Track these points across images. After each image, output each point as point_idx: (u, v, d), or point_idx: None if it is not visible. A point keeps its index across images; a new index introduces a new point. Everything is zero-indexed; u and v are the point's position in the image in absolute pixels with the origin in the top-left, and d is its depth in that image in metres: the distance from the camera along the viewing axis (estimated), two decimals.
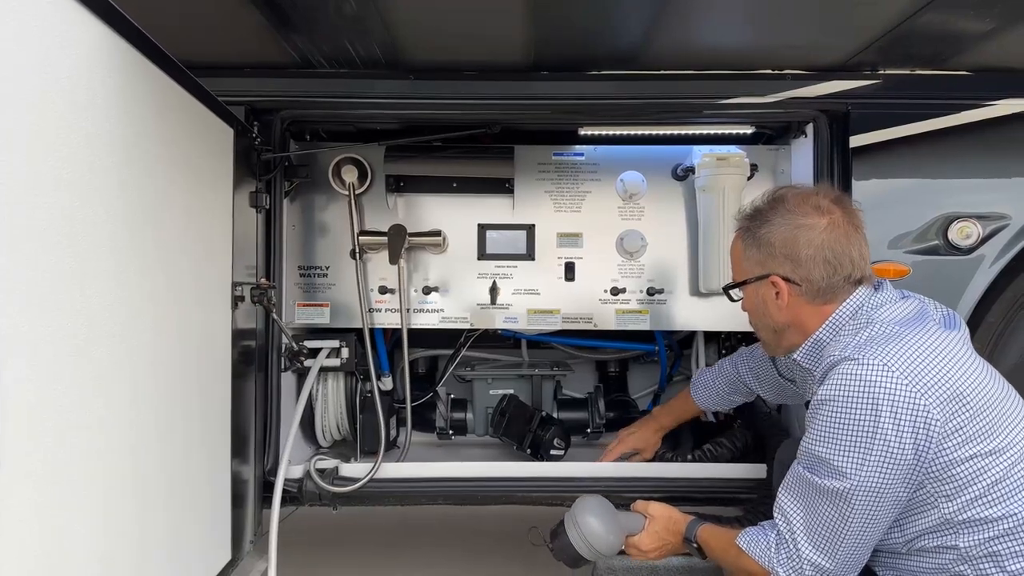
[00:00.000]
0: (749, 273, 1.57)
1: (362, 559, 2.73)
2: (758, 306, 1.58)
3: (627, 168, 2.28)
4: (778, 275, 1.50)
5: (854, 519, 1.31)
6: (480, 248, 2.28)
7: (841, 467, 1.29)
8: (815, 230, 1.46)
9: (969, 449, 1.28)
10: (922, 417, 1.26)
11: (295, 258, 2.25)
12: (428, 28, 1.83)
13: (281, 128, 2.09)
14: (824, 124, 2.09)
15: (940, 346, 1.33)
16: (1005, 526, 1.29)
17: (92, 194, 1.19)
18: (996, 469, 1.29)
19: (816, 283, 1.46)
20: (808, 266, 1.46)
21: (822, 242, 1.45)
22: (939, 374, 1.29)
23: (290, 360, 2.12)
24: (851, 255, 1.46)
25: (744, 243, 1.58)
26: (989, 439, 1.29)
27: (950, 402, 1.28)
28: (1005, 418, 1.32)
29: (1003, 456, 1.29)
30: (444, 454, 2.45)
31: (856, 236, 1.48)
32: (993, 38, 1.85)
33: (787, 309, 1.51)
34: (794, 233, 1.47)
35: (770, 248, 1.50)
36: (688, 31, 1.87)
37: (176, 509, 1.55)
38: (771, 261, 1.51)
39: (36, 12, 1.05)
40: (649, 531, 1.70)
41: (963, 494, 1.29)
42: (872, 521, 1.31)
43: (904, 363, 1.29)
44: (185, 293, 1.57)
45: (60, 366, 1.11)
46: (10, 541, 1.00)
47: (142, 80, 1.37)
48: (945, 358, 1.31)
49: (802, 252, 1.46)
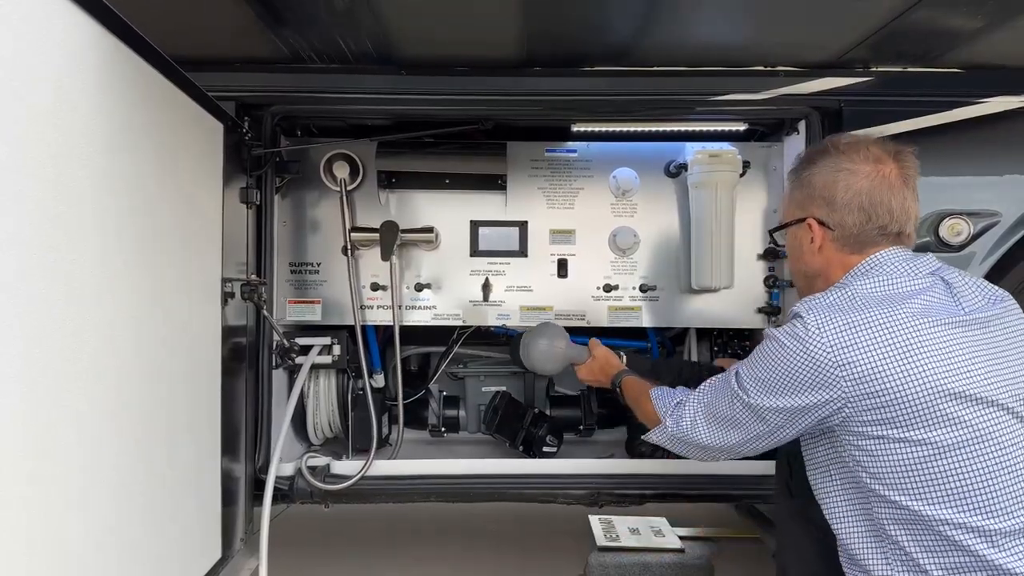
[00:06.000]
0: (791, 216, 1.57)
1: (353, 556, 2.73)
2: (795, 250, 1.58)
3: (620, 165, 2.28)
4: (815, 218, 1.49)
5: (740, 425, 1.47)
6: (472, 245, 2.27)
7: (750, 388, 1.43)
8: (857, 175, 1.44)
9: (879, 429, 1.31)
10: (833, 387, 1.32)
11: (286, 254, 2.23)
12: (420, 22, 1.82)
13: (272, 123, 2.08)
14: (816, 121, 2.09)
15: (891, 329, 1.30)
16: (905, 516, 1.30)
17: (79, 190, 1.18)
18: (908, 457, 1.29)
19: (849, 229, 1.45)
20: (843, 211, 1.44)
21: (860, 188, 1.43)
22: (868, 353, 1.30)
23: (281, 357, 2.11)
24: (891, 206, 1.43)
25: (791, 185, 1.59)
26: (904, 427, 1.28)
27: (869, 381, 1.29)
28: (943, 415, 1.27)
29: (917, 448, 1.28)
30: (436, 451, 2.44)
31: (903, 190, 1.44)
32: (984, 35, 1.85)
33: (820, 255, 1.50)
34: (835, 176, 1.46)
35: (811, 189, 1.50)
36: (681, 27, 1.87)
37: (166, 507, 1.54)
38: (810, 203, 1.50)
39: (19, 5, 1.04)
40: (588, 365, 2.00)
41: (874, 466, 1.32)
42: (753, 436, 1.46)
43: (839, 335, 1.32)
44: (174, 289, 1.56)
45: (47, 363, 1.10)
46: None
47: (130, 75, 1.36)
48: (887, 341, 1.30)
49: (839, 196, 1.45)
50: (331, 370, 2.30)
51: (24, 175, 1.04)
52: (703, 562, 2.20)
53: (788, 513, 1.72)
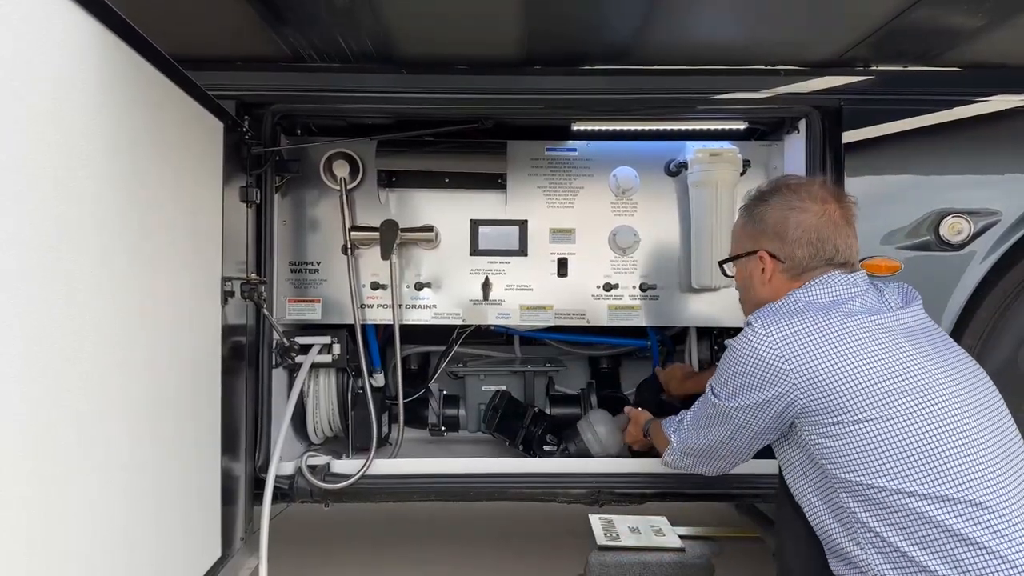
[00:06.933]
0: (742, 249, 1.71)
1: (353, 555, 2.73)
2: (746, 280, 1.72)
3: (620, 163, 2.28)
4: (766, 251, 1.63)
5: (716, 426, 1.63)
6: (473, 244, 2.27)
7: (719, 393, 1.59)
8: (807, 213, 1.58)
9: (832, 418, 1.41)
10: (782, 382, 1.45)
11: (286, 253, 2.23)
12: (420, 21, 1.82)
13: (272, 122, 2.08)
14: (817, 120, 2.09)
15: (827, 328, 1.44)
16: (872, 495, 1.38)
17: (79, 189, 1.18)
18: (861, 436, 1.38)
19: (799, 261, 1.59)
20: (793, 245, 1.59)
21: (810, 225, 1.58)
22: (808, 349, 1.43)
23: (281, 356, 2.11)
24: (836, 242, 1.58)
25: (743, 220, 1.72)
26: (855, 412, 1.39)
27: (812, 375, 1.42)
28: (889, 394, 1.38)
29: (871, 425, 1.38)
30: (436, 450, 2.44)
31: (845, 228, 1.60)
32: (984, 34, 1.85)
33: (769, 284, 1.64)
34: (786, 214, 1.60)
35: (763, 225, 1.64)
36: (681, 26, 1.86)
37: (165, 506, 1.54)
38: (762, 237, 1.64)
39: (19, 4, 1.03)
40: (629, 430, 2.13)
41: (834, 452, 1.42)
42: (729, 435, 1.61)
43: (781, 336, 1.46)
44: (174, 288, 1.56)
45: (47, 363, 1.10)
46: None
47: (131, 74, 1.35)
48: (823, 339, 1.43)
49: (791, 232, 1.59)
50: (331, 369, 2.30)
51: (24, 174, 1.04)
52: (703, 561, 2.19)
53: (787, 511, 1.73)
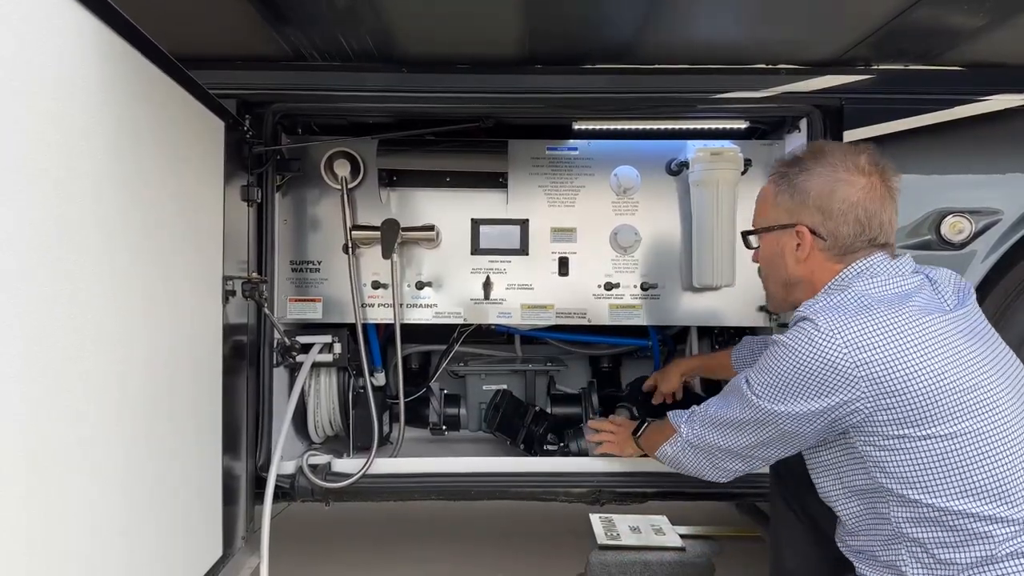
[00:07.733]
0: (775, 220, 1.54)
1: (354, 554, 2.73)
2: (775, 256, 1.55)
3: (621, 163, 2.28)
4: (806, 225, 1.47)
5: (748, 429, 1.47)
6: (473, 243, 2.27)
7: (762, 394, 1.41)
8: (854, 187, 1.44)
9: (899, 429, 1.30)
10: (851, 388, 1.31)
11: (287, 253, 2.23)
12: (421, 20, 1.81)
13: (273, 121, 2.08)
14: (818, 119, 2.09)
15: (902, 328, 1.31)
16: (929, 513, 1.30)
17: (80, 189, 1.18)
18: (927, 453, 1.29)
19: (842, 240, 1.45)
20: (838, 221, 1.44)
21: (857, 200, 1.44)
22: (883, 352, 1.30)
23: (282, 355, 2.11)
24: (881, 219, 1.45)
25: (777, 188, 1.54)
26: (925, 425, 1.29)
27: (886, 380, 1.29)
28: (960, 408, 1.29)
29: (940, 443, 1.28)
30: (437, 449, 2.44)
31: (889, 203, 1.47)
32: (985, 33, 1.85)
33: (805, 263, 1.49)
34: (832, 186, 1.45)
35: (804, 196, 1.48)
36: (682, 25, 1.86)
37: (166, 505, 1.54)
38: (802, 210, 1.48)
39: (19, 3, 1.03)
40: (607, 441, 2.02)
41: (894, 466, 1.32)
42: (760, 442, 1.46)
43: (852, 336, 1.31)
44: (175, 287, 1.56)
45: (47, 363, 1.10)
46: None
47: (131, 72, 1.35)
48: (899, 341, 1.30)
49: (835, 206, 1.44)
50: (332, 368, 2.30)
51: (25, 174, 1.04)
52: (704, 560, 2.19)
53: (778, 496, 1.74)
